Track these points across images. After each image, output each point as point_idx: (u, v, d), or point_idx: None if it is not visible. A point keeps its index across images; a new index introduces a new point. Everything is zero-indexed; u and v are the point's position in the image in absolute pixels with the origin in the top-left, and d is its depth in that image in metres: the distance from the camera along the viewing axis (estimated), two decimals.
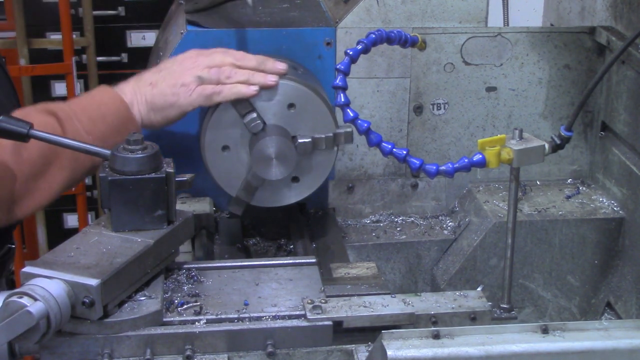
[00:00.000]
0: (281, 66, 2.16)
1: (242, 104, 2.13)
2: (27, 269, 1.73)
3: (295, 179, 2.22)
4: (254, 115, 2.13)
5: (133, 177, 1.84)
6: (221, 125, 2.17)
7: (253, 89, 2.11)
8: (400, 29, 2.27)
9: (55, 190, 2.03)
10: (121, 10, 4.68)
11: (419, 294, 1.91)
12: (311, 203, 2.53)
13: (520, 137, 1.97)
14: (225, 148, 2.19)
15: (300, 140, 2.15)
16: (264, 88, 2.13)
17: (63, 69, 4.40)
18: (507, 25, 3.39)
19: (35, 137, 1.87)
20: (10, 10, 4.39)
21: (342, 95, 2.07)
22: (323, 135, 2.17)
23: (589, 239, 2.49)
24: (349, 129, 2.16)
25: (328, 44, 2.42)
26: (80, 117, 2.05)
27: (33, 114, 1.99)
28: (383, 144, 2.08)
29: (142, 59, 3.25)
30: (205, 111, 2.20)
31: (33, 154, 1.97)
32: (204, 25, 2.40)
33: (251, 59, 2.16)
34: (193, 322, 1.80)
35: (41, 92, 4.67)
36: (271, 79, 2.12)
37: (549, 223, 2.47)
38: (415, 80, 2.51)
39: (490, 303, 1.92)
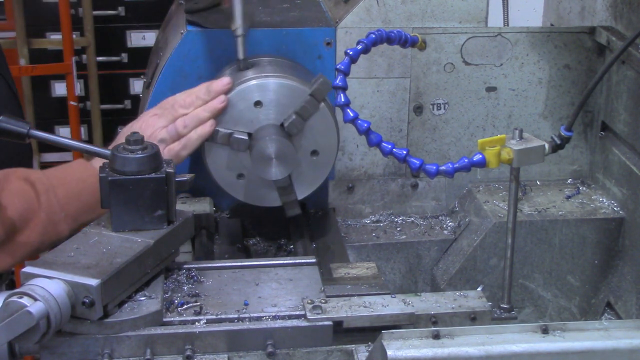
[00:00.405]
0: (224, 81, 2.17)
1: (219, 136, 2.16)
2: (27, 269, 1.73)
3: (314, 152, 2.22)
4: (238, 135, 2.16)
5: (133, 177, 1.84)
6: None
7: (210, 124, 2.15)
8: (400, 29, 2.27)
9: (28, 251, 2.04)
10: (121, 10, 4.68)
11: (419, 294, 1.91)
12: (311, 203, 2.53)
13: (520, 137, 1.97)
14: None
15: (287, 123, 2.15)
16: (218, 114, 2.16)
17: (63, 69, 4.41)
18: (507, 25, 3.38)
19: (35, 137, 1.87)
20: (10, 10, 4.40)
21: (342, 95, 2.07)
22: (303, 103, 2.15)
23: (589, 239, 2.49)
24: (320, 79, 2.15)
25: (328, 44, 2.42)
26: (57, 191, 2.04)
27: (12, 179, 2.01)
28: (383, 144, 2.08)
29: (142, 59, 3.26)
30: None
31: (11, 213, 1.97)
32: (204, 25, 2.40)
33: (195, 93, 2.19)
34: (193, 322, 1.80)
35: (41, 92, 4.68)
36: (218, 104, 2.16)
37: (549, 223, 2.47)
38: (415, 80, 2.51)
39: (490, 303, 1.92)
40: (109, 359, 1.74)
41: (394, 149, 2.08)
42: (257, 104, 2.16)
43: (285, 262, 2.03)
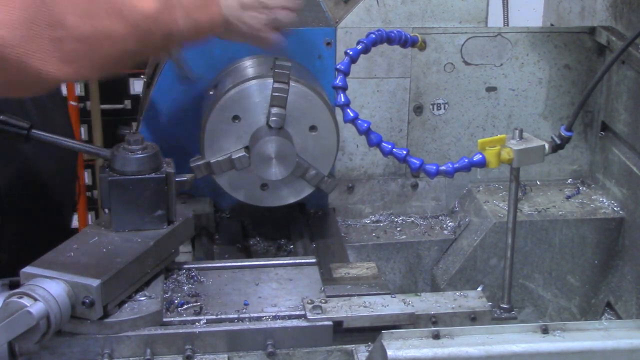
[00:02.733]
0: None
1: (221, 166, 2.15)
2: (27, 269, 1.73)
3: (313, 128, 2.20)
4: (236, 155, 2.15)
5: (133, 177, 1.84)
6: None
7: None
8: (400, 29, 2.27)
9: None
10: None
11: (419, 294, 1.91)
12: (311, 203, 2.53)
13: (520, 137, 1.97)
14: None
15: (272, 119, 2.13)
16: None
17: None
18: (507, 25, 3.38)
19: (35, 137, 1.87)
20: None
21: (342, 95, 2.07)
22: (272, 94, 2.13)
23: (589, 239, 2.49)
24: (278, 62, 2.13)
25: (328, 44, 2.42)
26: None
27: None
28: (383, 144, 2.07)
29: None
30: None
31: None
32: None
33: None
34: (193, 322, 1.80)
35: None
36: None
37: (549, 223, 2.47)
38: (415, 80, 2.51)
39: (490, 303, 1.92)
40: (109, 359, 1.74)
41: (394, 149, 2.08)
42: (235, 118, 2.16)
43: (285, 262, 2.03)
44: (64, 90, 4.54)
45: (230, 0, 1.94)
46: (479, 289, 1.98)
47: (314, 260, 2.04)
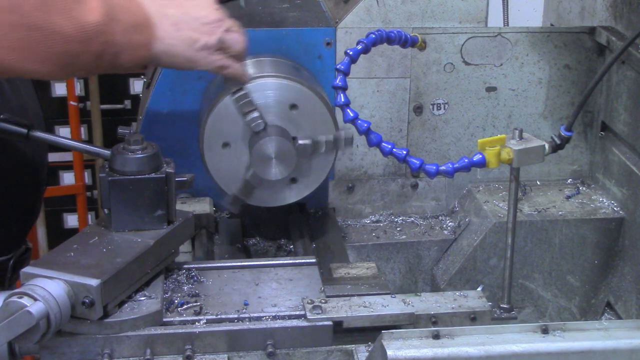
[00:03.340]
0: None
1: (246, 103, 2.11)
2: (27, 269, 1.73)
3: (293, 180, 2.22)
4: (256, 114, 2.12)
5: (133, 177, 1.84)
6: (221, 124, 2.17)
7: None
8: (400, 29, 2.27)
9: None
10: None
11: (419, 294, 1.91)
12: (311, 203, 2.53)
13: (520, 137, 1.97)
14: (225, 145, 2.18)
15: (300, 142, 2.14)
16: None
17: None
18: (507, 25, 3.38)
19: (35, 137, 1.87)
20: None
21: (342, 95, 2.07)
22: (324, 138, 2.16)
23: (589, 239, 2.49)
24: (349, 134, 2.15)
25: (328, 44, 2.42)
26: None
27: None
28: (383, 144, 2.07)
29: None
30: (205, 109, 2.20)
31: None
32: None
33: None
34: (193, 322, 1.80)
35: (41, 92, 4.64)
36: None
37: (549, 223, 2.47)
38: (415, 80, 2.51)
39: (490, 303, 1.92)
40: (109, 359, 1.74)
41: (394, 149, 2.08)
42: (292, 107, 2.15)
43: (285, 262, 2.03)
44: (64, 90, 4.55)
45: (170, 37, 1.95)
46: (479, 289, 1.97)
47: (314, 260, 2.04)
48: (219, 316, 1.81)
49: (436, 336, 1.61)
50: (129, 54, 1.85)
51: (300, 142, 2.15)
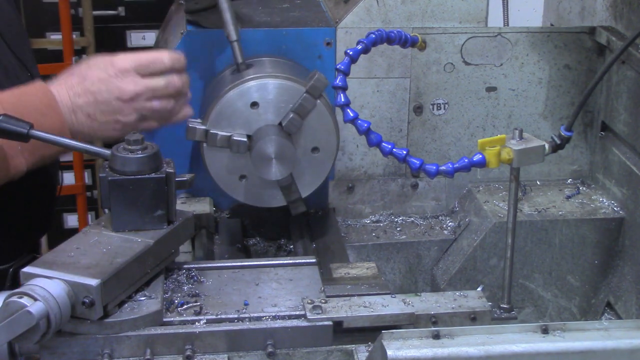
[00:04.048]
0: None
1: (218, 139, 2.15)
2: (27, 269, 1.73)
3: (315, 149, 2.21)
4: (237, 138, 2.15)
5: (133, 177, 1.84)
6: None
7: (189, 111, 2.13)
8: (400, 29, 2.27)
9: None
10: (121, 10, 4.68)
11: (419, 294, 1.91)
12: (311, 203, 2.53)
13: (520, 137, 1.97)
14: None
15: (285, 122, 2.14)
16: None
17: (63, 69, 4.39)
18: (507, 25, 3.38)
19: (35, 137, 1.87)
20: None
21: (342, 95, 2.07)
22: (299, 101, 2.15)
23: (589, 239, 2.49)
24: (315, 75, 2.14)
25: (328, 44, 2.42)
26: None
27: None
28: (383, 144, 2.07)
29: None
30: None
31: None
32: (204, 25, 2.40)
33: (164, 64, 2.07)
34: (193, 322, 1.80)
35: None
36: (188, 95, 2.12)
37: (549, 223, 2.47)
38: (415, 80, 2.51)
39: (490, 303, 1.92)
40: (109, 359, 1.74)
41: (394, 149, 2.08)
42: (254, 104, 2.16)
43: (285, 262, 2.03)
44: None
45: (88, 128, 2.02)
46: (479, 289, 1.97)
47: (314, 260, 2.04)
48: (219, 316, 1.81)
49: (436, 336, 1.61)
50: (58, 150, 1.96)
51: (285, 121, 2.15)
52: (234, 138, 2.15)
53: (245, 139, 2.15)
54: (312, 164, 2.22)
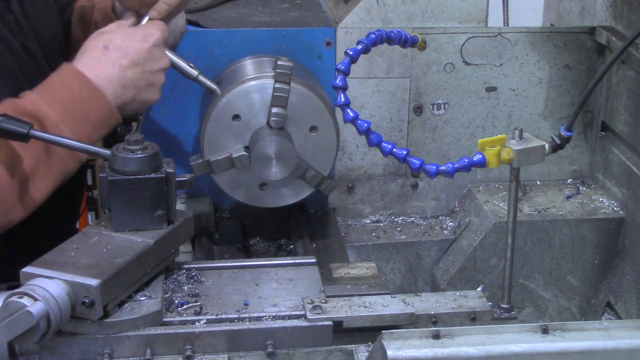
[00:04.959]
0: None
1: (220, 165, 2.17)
2: (27, 269, 1.73)
3: (313, 129, 2.20)
4: (236, 155, 2.15)
5: (133, 177, 1.84)
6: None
7: None
8: (400, 29, 2.27)
9: (47, 191, 1.98)
10: None
11: (419, 294, 1.91)
12: (311, 203, 2.53)
13: (520, 137, 1.97)
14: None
15: (270, 119, 2.14)
16: None
17: None
18: (507, 25, 3.39)
19: (35, 137, 1.87)
20: None
21: (342, 95, 2.07)
22: (273, 94, 2.13)
23: (589, 239, 2.49)
24: (277, 61, 2.14)
25: (328, 44, 2.42)
26: (66, 120, 1.97)
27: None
28: (383, 144, 2.07)
29: None
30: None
31: (27, 159, 1.92)
32: (204, 25, 2.40)
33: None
34: (193, 322, 1.80)
35: None
36: None
37: (549, 223, 2.47)
38: (415, 80, 2.51)
39: (490, 303, 1.92)
40: (109, 359, 1.74)
41: (394, 149, 2.08)
42: (235, 117, 2.16)
43: (285, 262, 2.03)
44: None
45: (126, 99, 2.06)
46: (479, 289, 1.97)
47: (314, 260, 2.04)
48: (219, 316, 1.81)
49: (436, 336, 1.61)
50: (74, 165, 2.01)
51: (269, 119, 2.14)
52: (234, 156, 2.15)
53: (243, 152, 2.15)
54: (316, 143, 2.21)
